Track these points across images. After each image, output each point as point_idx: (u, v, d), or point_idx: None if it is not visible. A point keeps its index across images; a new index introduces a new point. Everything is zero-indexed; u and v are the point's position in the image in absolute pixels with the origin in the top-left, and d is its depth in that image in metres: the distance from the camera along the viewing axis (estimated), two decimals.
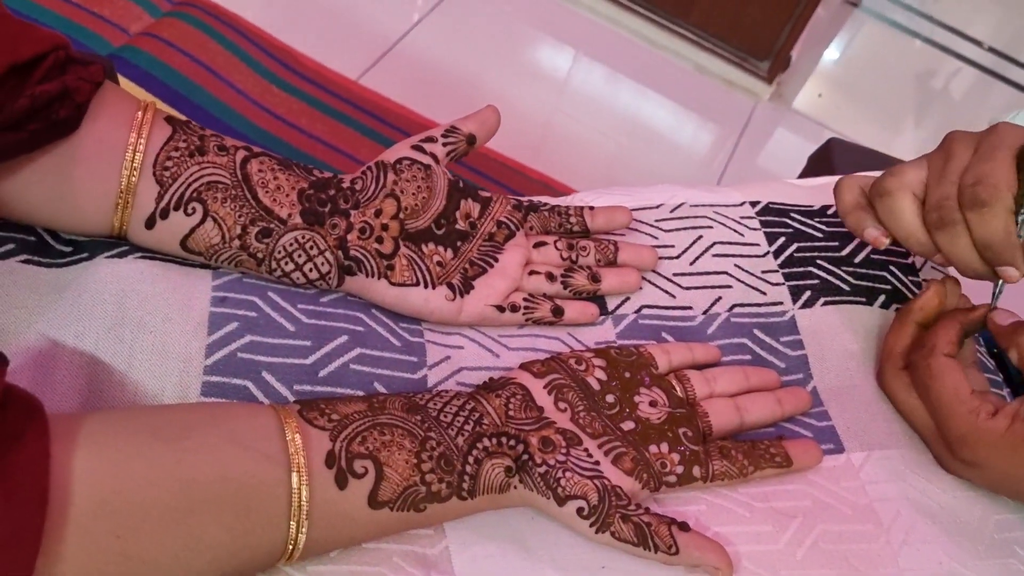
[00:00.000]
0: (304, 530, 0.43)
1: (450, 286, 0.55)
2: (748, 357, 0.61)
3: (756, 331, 0.62)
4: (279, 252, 0.51)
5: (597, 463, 0.49)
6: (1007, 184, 0.52)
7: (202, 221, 0.50)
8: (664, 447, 0.52)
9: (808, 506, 0.55)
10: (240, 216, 0.50)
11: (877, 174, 0.59)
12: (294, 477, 0.42)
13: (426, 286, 0.54)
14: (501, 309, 0.56)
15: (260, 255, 0.51)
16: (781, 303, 0.63)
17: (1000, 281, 0.57)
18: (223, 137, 0.52)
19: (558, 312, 0.58)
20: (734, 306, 0.63)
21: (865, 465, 0.57)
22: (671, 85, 1.92)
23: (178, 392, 0.48)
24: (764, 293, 0.64)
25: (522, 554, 0.49)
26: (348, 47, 1.74)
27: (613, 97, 1.88)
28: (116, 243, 0.51)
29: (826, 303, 0.64)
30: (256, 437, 0.43)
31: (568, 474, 0.48)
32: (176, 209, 0.49)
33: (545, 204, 0.61)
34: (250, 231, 0.51)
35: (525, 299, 0.57)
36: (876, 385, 0.62)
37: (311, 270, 0.52)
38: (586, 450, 0.50)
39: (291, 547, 0.43)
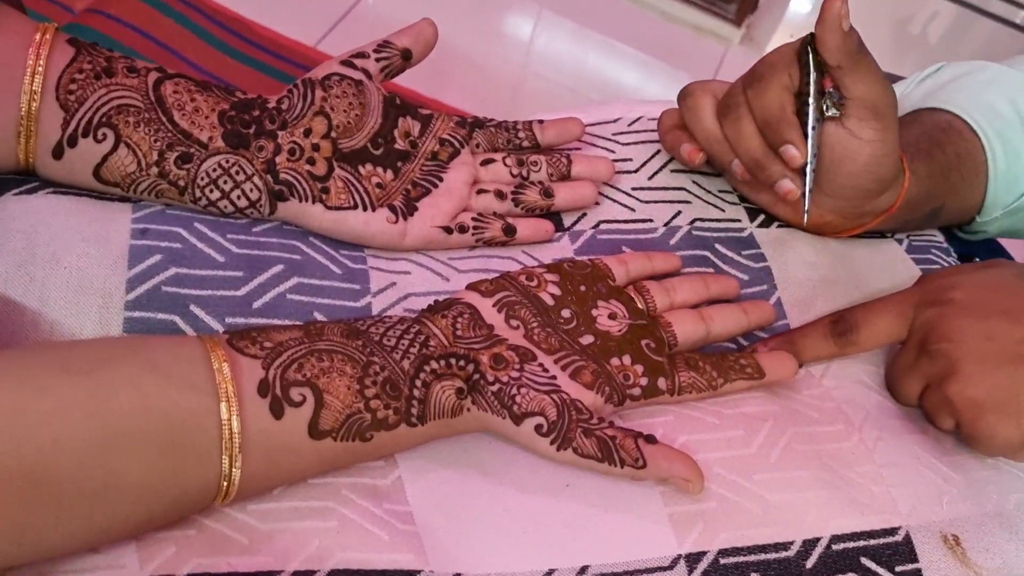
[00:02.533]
0: (238, 464, 0.39)
1: (392, 208, 0.52)
2: (710, 271, 0.59)
3: (717, 245, 0.60)
4: (202, 179, 0.48)
5: (554, 378, 0.46)
6: (784, 62, 0.53)
7: (114, 148, 0.46)
8: (626, 359, 0.49)
9: (777, 410, 0.52)
10: (156, 141, 0.47)
11: None
12: (223, 407, 0.39)
13: (365, 209, 0.51)
14: (448, 230, 0.53)
15: (182, 183, 0.48)
16: (739, 220, 0.62)
17: (807, 179, 0.55)
18: (132, 59, 0.48)
19: (510, 231, 0.55)
20: (695, 220, 0.60)
21: (826, 374, 0.56)
22: (638, 36, 1.88)
23: (98, 330, 0.44)
24: (723, 210, 0.62)
25: (480, 479, 0.46)
26: (304, 13, 1.69)
27: (581, 53, 1.85)
28: (26, 179, 0.48)
29: (781, 225, 0.63)
30: (180, 366, 0.40)
31: (523, 390, 0.45)
32: (85, 136, 0.46)
33: (491, 120, 0.57)
34: (168, 157, 0.47)
35: (474, 219, 0.54)
36: (834, 301, 0.60)
37: (239, 197, 0.49)
38: (541, 365, 0.47)
39: (226, 484, 0.40)
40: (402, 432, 0.44)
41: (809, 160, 0.53)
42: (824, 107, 0.53)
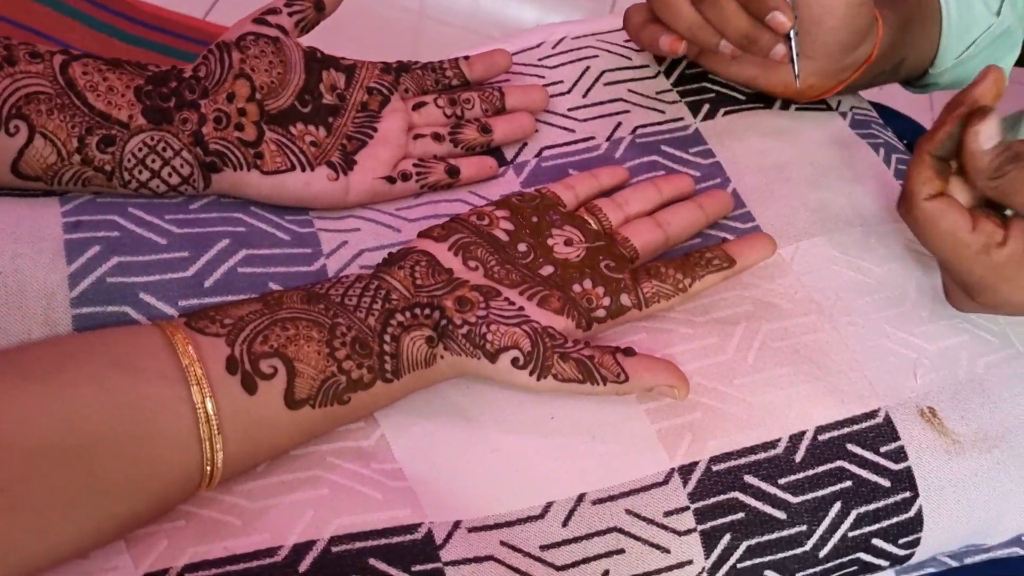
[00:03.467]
0: (219, 446, 0.38)
1: (330, 165, 0.50)
2: (662, 173, 0.58)
3: (664, 147, 0.59)
4: (128, 160, 0.46)
5: (522, 309, 0.46)
6: None
7: (30, 140, 0.44)
8: (587, 283, 0.49)
9: (749, 310, 0.52)
10: (74, 127, 0.44)
11: None
12: (195, 391, 0.38)
13: (303, 169, 0.49)
14: (391, 180, 0.52)
15: (108, 167, 0.45)
16: (682, 119, 0.61)
17: (792, 44, 0.55)
18: (32, 44, 0.45)
19: (453, 172, 0.53)
20: (636, 128, 0.59)
21: (795, 257, 0.55)
22: None
23: (46, 331, 0.42)
24: (663, 112, 0.61)
25: (464, 424, 0.46)
26: None
27: None
28: None
29: (727, 113, 0.62)
30: (142, 357, 0.38)
31: (493, 327, 0.44)
32: None
33: (416, 63, 0.56)
34: (89, 142, 0.45)
35: (415, 165, 0.53)
36: (789, 182, 0.59)
37: (170, 175, 0.47)
38: (507, 299, 0.46)
39: (209, 468, 0.38)
40: (379, 389, 0.43)
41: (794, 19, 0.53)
42: None
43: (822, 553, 0.47)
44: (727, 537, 0.46)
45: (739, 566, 0.46)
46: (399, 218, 0.52)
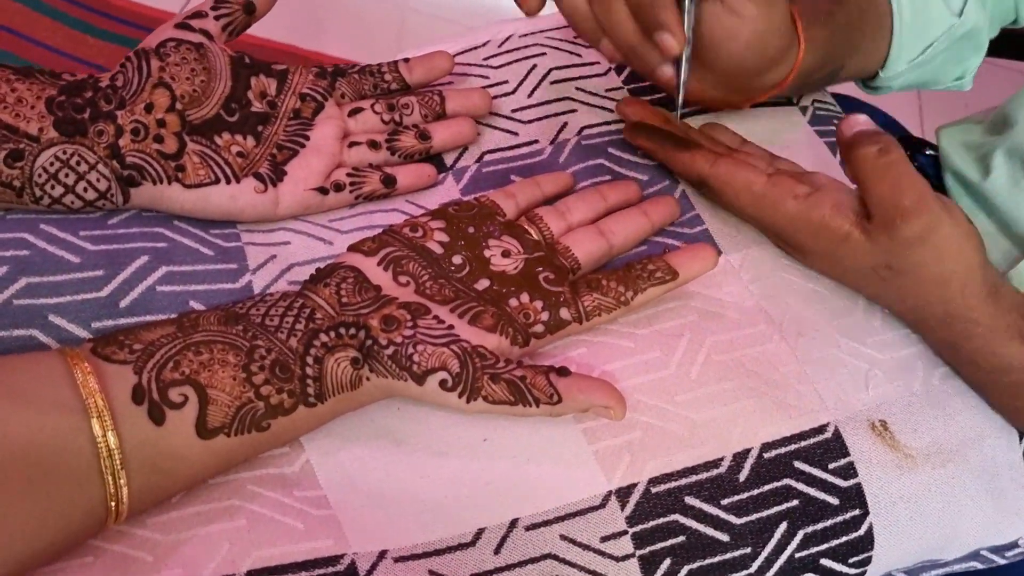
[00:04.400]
0: (123, 482, 0.36)
1: (258, 176, 0.48)
2: (608, 178, 0.56)
3: (610, 149, 0.57)
4: (39, 175, 0.44)
5: (451, 328, 0.44)
6: None
7: None
8: (524, 297, 0.47)
9: (694, 320, 0.51)
10: None
11: None
12: (95, 423, 0.36)
13: (229, 181, 0.47)
14: (324, 191, 0.50)
15: (17, 183, 0.43)
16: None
17: (682, 68, 0.51)
18: None
19: (389, 181, 0.51)
20: (582, 129, 0.57)
21: (745, 264, 0.54)
22: None
23: None
24: (611, 111, 0.59)
25: (393, 448, 0.44)
26: None
27: None
28: None
29: (680, 114, 0.58)
30: (39, 386, 0.36)
31: (420, 347, 0.42)
32: None
33: (354, 66, 0.54)
34: None
35: (349, 174, 0.51)
36: None
37: (85, 189, 0.45)
38: (436, 317, 0.44)
39: (114, 504, 0.37)
40: (301, 415, 0.41)
41: (687, 43, 0.48)
42: None
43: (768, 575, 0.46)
44: (667, 562, 0.44)
45: None
46: (332, 230, 0.50)
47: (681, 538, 0.44)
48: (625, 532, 0.44)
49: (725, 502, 0.45)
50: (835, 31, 0.57)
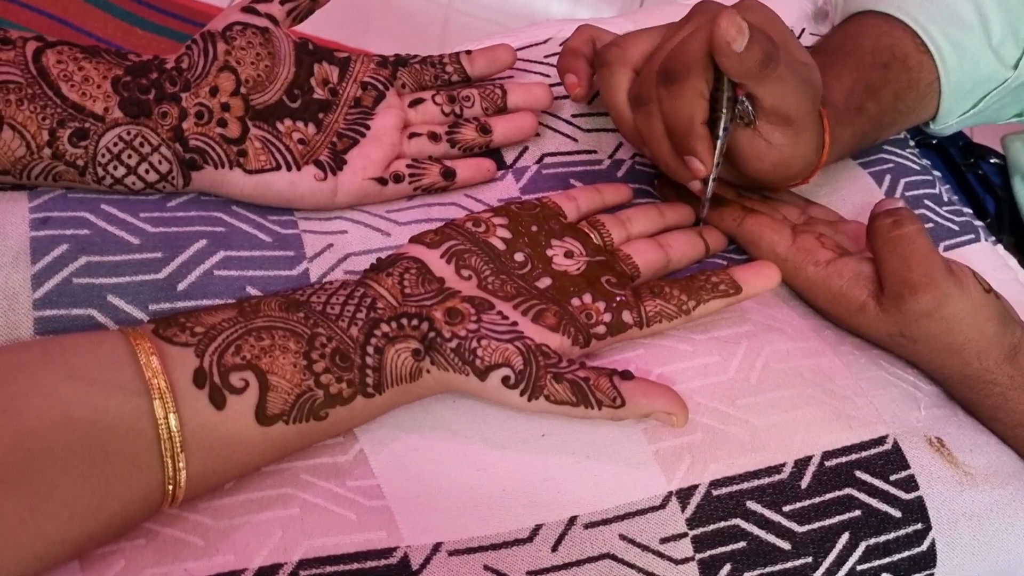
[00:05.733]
0: (182, 465, 0.36)
1: (318, 164, 0.48)
2: (657, 200, 0.56)
3: (658, 182, 0.56)
4: (103, 155, 0.43)
5: (515, 324, 0.43)
6: (699, 65, 0.46)
7: None
8: (587, 297, 0.46)
9: (751, 330, 0.50)
10: (45, 119, 0.42)
11: (614, 32, 0.54)
12: (157, 405, 0.35)
13: (289, 168, 0.47)
14: (383, 181, 0.49)
15: (80, 162, 0.43)
16: None
17: (709, 186, 0.51)
18: (4, 29, 0.43)
19: (448, 174, 0.51)
20: (636, 154, 0.57)
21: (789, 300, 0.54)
22: None
23: (5, 336, 0.40)
24: None
25: (449, 440, 0.43)
26: None
27: None
28: None
29: None
30: (101, 367, 0.36)
31: (484, 342, 0.42)
32: None
33: (415, 56, 0.53)
34: (61, 135, 0.42)
35: (409, 165, 0.50)
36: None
37: (147, 171, 0.45)
38: (500, 313, 0.43)
39: (171, 487, 0.36)
40: (359, 405, 0.40)
41: (715, 165, 0.49)
42: (736, 114, 0.48)
43: None
44: (727, 567, 0.43)
45: None
46: (389, 221, 0.50)
47: (742, 543, 0.43)
48: (685, 534, 0.42)
49: (787, 509, 0.44)
50: (866, 123, 0.58)
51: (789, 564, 0.44)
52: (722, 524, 0.43)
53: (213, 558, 0.37)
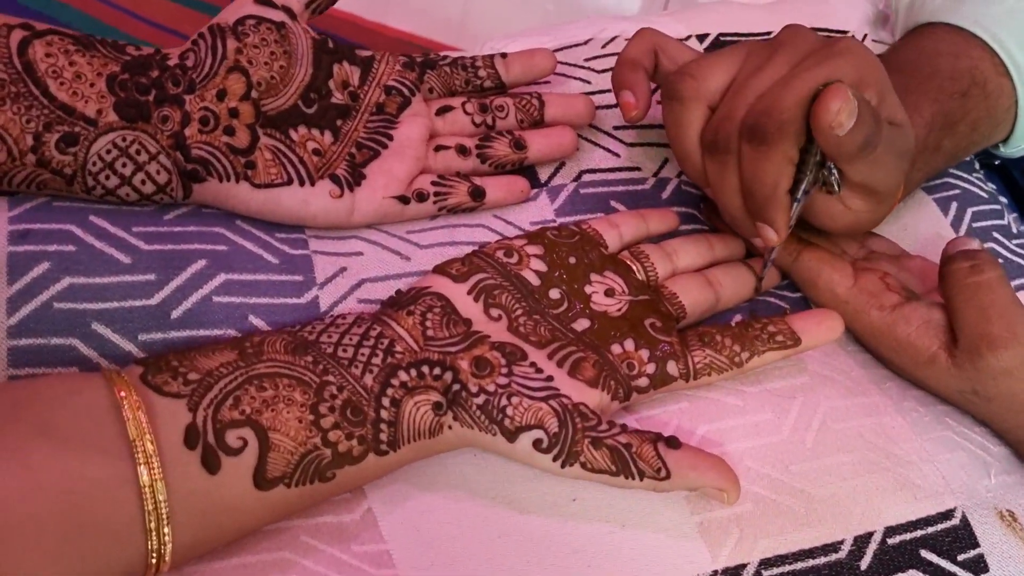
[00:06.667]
0: (168, 538, 0.31)
1: (334, 179, 0.43)
2: (705, 229, 0.50)
3: (704, 205, 0.51)
4: (94, 164, 0.38)
5: (550, 378, 0.38)
6: (794, 127, 0.40)
7: None
8: (629, 344, 0.41)
9: (807, 383, 0.45)
10: (29, 121, 0.37)
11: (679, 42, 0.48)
12: (142, 471, 0.31)
13: (302, 183, 0.42)
14: (405, 200, 0.44)
15: (68, 170, 0.38)
16: None
17: (774, 251, 0.46)
18: None
19: (478, 194, 0.46)
20: (682, 172, 0.51)
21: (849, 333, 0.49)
22: None
23: None
24: None
25: (468, 501, 0.39)
26: None
27: None
28: None
29: None
30: (79, 423, 0.31)
31: (515, 399, 0.37)
32: None
33: (445, 57, 0.48)
34: (47, 140, 0.37)
35: (434, 182, 0.45)
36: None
37: (143, 182, 0.40)
38: (533, 364, 0.38)
39: (155, 560, 0.31)
40: (370, 463, 0.36)
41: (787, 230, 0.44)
42: (820, 179, 0.43)
43: None
44: None
45: None
46: (410, 243, 0.45)
47: None
48: None
49: None
50: (940, 161, 0.54)
51: None
52: None
53: None
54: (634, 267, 0.45)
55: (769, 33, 0.57)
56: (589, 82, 0.53)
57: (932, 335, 0.45)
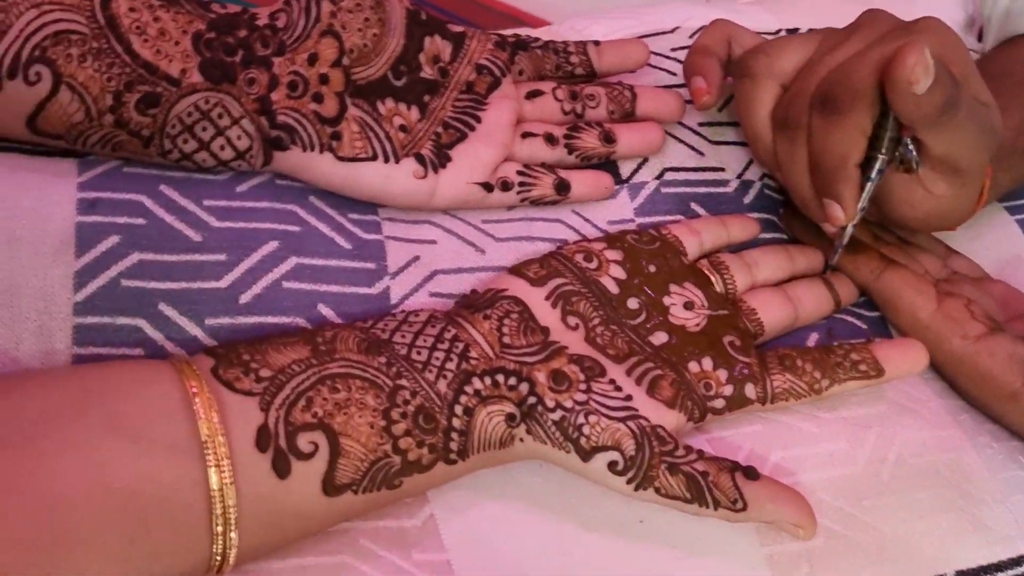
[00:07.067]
0: (234, 543, 0.30)
1: (419, 158, 0.41)
2: (784, 237, 0.48)
3: (783, 210, 0.49)
4: (174, 126, 0.36)
5: (629, 397, 0.37)
6: (867, 95, 0.39)
7: (53, 91, 0.34)
8: (707, 363, 0.39)
9: (884, 411, 0.44)
10: (110, 80, 0.35)
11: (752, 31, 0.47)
12: (213, 474, 0.29)
13: (387, 160, 0.40)
14: (489, 188, 0.42)
15: (146, 132, 0.36)
16: None
17: (845, 233, 0.44)
18: None
19: (563, 188, 0.44)
20: (766, 175, 0.49)
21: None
22: None
23: (39, 345, 0.34)
24: None
25: (533, 514, 0.37)
26: None
27: None
28: None
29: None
30: (149, 419, 0.30)
31: (592, 418, 0.35)
32: (12, 77, 0.34)
33: (536, 40, 0.46)
34: (128, 100, 0.35)
35: (520, 172, 0.43)
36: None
37: (223, 148, 0.38)
38: (612, 381, 0.37)
39: (219, 560, 0.30)
40: (439, 471, 0.34)
41: (858, 211, 0.42)
42: (896, 158, 0.41)
43: None
44: None
45: None
46: (486, 235, 0.43)
47: None
48: None
49: None
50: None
51: None
52: None
53: None
54: (713, 278, 0.43)
55: None
56: (675, 73, 0.50)
57: (1016, 371, 0.44)
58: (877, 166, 0.41)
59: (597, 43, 0.46)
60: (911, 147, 0.41)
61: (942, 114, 0.38)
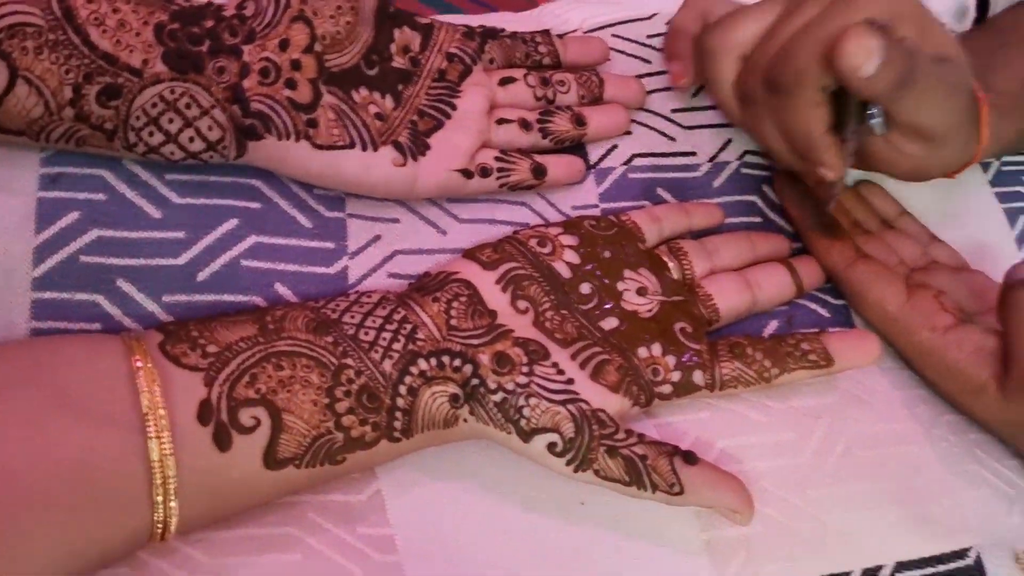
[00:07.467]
0: (174, 512, 0.31)
1: (397, 146, 0.41)
2: (757, 220, 0.49)
3: (766, 187, 0.50)
4: (138, 118, 0.37)
5: (571, 381, 0.37)
6: (812, 76, 0.39)
7: (10, 86, 0.35)
8: (656, 349, 0.40)
9: (835, 402, 0.44)
10: (68, 72, 0.35)
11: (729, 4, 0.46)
12: (153, 446, 0.30)
13: (364, 147, 0.40)
14: (468, 174, 0.42)
15: (109, 125, 0.37)
16: None
17: (838, 187, 0.44)
18: None
19: (540, 172, 0.44)
20: (745, 153, 0.49)
21: (887, 350, 0.47)
22: None
23: None
24: None
25: (477, 493, 0.39)
26: None
27: None
28: None
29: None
30: (95, 393, 0.31)
31: (533, 400, 0.36)
32: None
33: (503, 30, 0.46)
34: (87, 92, 0.36)
35: (497, 158, 0.43)
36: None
37: (192, 139, 0.38)
38: (555, 365, 0.38)
39: (160, 528, 0.32)
40: (382, 448, 0.35)
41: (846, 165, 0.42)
42: (865, 122, 0.42)
43: None
44: None
45: None
46: (449, 216, 0.43)
47: None
48: None
49: None
50: None
51: None
52: None
53: None
54: (670, 264, 0.43)
55: None
56: (650, 62, 0.50)
57: (984, 363, 0.44)
58: (850, 128, 0.41)
59: (561, 36, 0.47)
60: (873, 112, 0.41)
61: (897, 89, 0.38)
